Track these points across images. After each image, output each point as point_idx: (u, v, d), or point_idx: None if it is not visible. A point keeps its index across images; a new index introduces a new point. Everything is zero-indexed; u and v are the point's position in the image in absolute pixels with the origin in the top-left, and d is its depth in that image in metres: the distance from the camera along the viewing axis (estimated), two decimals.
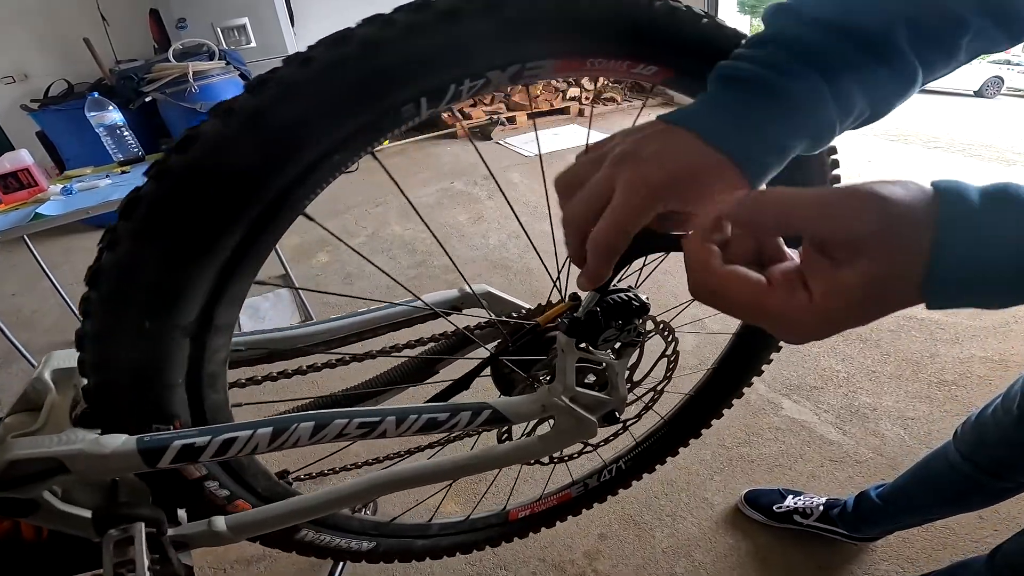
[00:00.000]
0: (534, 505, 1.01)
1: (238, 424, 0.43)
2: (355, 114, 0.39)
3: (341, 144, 0.40)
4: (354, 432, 0.45)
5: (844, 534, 1.26)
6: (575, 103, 5.10)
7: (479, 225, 3.03)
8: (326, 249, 2.94)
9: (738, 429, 1.60)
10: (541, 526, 1.03)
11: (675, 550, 1.32)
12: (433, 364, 0.62)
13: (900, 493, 1.13)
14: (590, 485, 1.01)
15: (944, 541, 1.30)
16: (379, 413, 0.46)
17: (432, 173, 3.91)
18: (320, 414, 0.45)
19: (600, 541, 1.34)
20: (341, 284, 2.58)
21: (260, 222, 0.40)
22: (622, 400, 0.55)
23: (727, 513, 1.39)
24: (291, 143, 0.38)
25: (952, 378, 1.73)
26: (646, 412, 0.77)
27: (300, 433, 0.43)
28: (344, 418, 0.45)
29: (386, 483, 0.55)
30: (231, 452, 0.42)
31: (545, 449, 0.56)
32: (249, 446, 0.42)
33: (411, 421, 0.47)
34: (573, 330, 0.51)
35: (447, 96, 0.42)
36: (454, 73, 0.41)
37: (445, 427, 0.49)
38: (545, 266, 0.68)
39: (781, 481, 1.45)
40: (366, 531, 0.83)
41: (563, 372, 0.53)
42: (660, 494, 1.44)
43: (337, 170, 0.42)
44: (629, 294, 0.54)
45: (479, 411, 0.51)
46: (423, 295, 0.60)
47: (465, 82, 0.42)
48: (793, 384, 1.76)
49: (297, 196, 0.41)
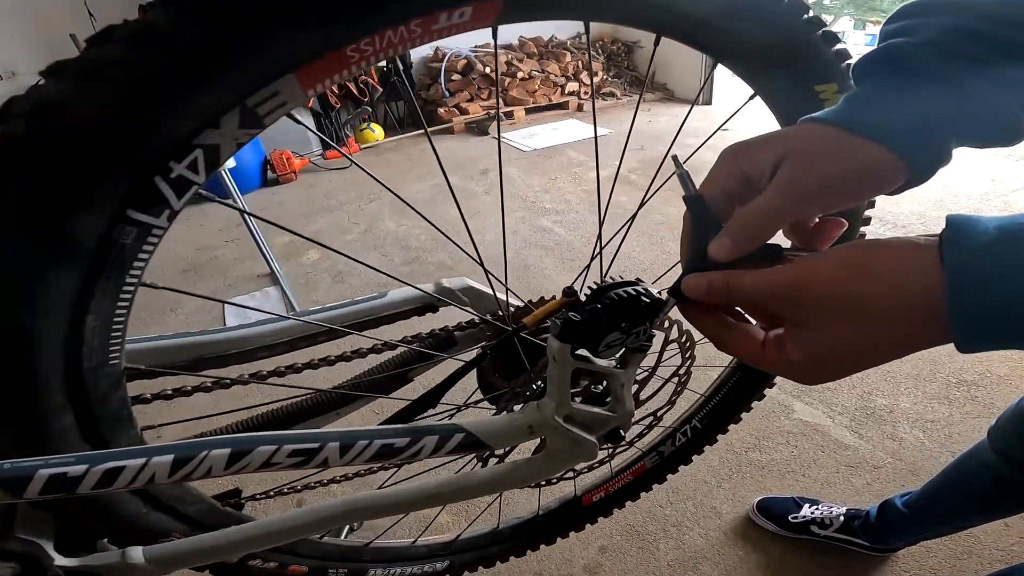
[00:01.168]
0: (607, 485, 0.95)
1: (127, 451, 0.34)
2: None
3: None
4: (285, 461, 0.36)
5: (866, 546, 1.18)
6: (574, 98, 5.00)
7: (475, 220, 2.95)
8: (317, 247, 2.85)
9: (747, 433, 1.51)
10: (614, 507, 0.99)
11: (681, 563, 1.24)
12: (403, 374, 0.53)
13: (929, 500, 1.06)
14: (665, 452, 0.93)
15: (969, 549, 1.22)
16: (318, 438, 0.37)
17: (428, 168, 3.82)
18: (239, 439, 0.36)
19: (601, 554, 1.26)
20: (332, 282, 2.50)
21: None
22: (628, 415, 0.46)
23: (736, 523, 1.31)
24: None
25: (972, 378, 1.65)
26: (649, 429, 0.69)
27: (212, 462, 0.35)
28: (271, 444, 0.36)
29: (338, 514, 0.46)
30: (119, 484, 0.33)
31: (535, 475, 0.47)
32: (143, 477, 0.34)
33: (360, 448, 0.38)
34: (568, 334, 0.41)
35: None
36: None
37: (405, 455, 0.40)
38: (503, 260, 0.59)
39: (794, 488, 1.36)
40: (435, 553, 0.84)
41: (556, 385, 0.43)
42: (665, 503, 1.36)
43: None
44: (638, 288, 0.44)
45: (449, 435, 0.41)
46: (390, 291, 0.51)
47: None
48: (804, 385, 1.67)
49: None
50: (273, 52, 0.32)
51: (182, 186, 0.35)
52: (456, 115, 4.66)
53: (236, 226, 3.08)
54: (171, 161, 0.34)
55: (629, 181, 3.34)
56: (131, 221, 0.35)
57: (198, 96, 0.32)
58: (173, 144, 0.33)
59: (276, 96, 0.34)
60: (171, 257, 2.86)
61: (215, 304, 2.41)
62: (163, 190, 0.34)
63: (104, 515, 0.47)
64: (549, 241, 2.68)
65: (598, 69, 5.24)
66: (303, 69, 0.33)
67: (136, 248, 0.36)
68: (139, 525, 0.50)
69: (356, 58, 0.35)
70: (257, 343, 0.48)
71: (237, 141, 0.35)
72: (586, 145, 4.09)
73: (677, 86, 5.17)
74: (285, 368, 0.50)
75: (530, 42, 5.11)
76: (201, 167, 0.35)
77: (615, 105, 5.11)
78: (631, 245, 2.55)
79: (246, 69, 0.32)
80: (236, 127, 0.34)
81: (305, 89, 0.34)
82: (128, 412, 0.43)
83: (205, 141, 0.34)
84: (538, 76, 4.86)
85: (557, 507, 0.98)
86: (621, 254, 2.45)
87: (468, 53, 4.81)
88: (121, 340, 0.40)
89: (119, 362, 0.41)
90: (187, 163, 0.34)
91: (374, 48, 0.35)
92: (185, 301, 2.44)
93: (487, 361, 0.50)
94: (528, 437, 0.45)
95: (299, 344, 0.50)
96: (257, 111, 0.34)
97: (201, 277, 2.64)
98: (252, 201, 3.54)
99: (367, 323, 0.52)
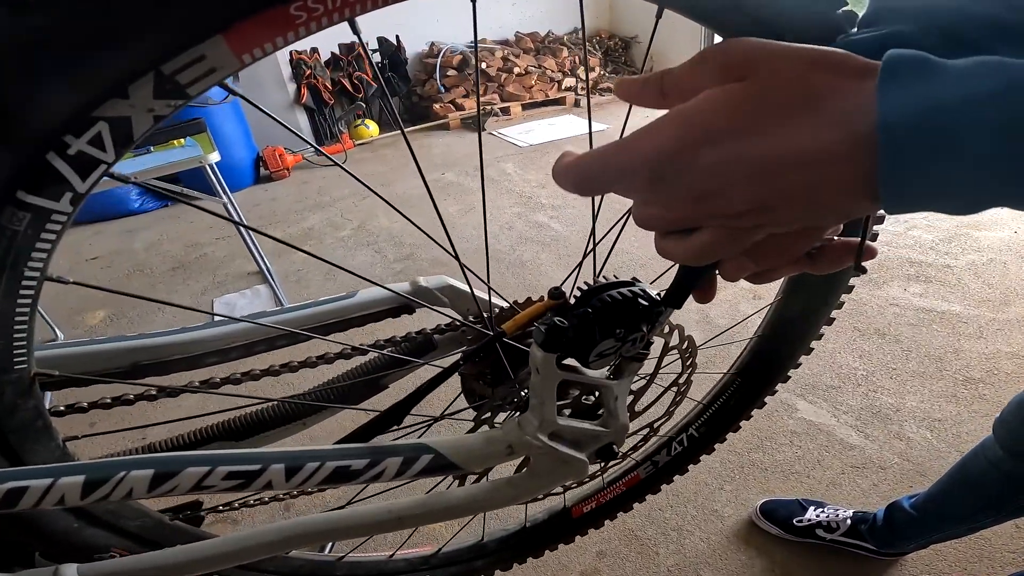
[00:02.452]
0: (599, 496, 0.91)
1: (29, 470, 0.30)
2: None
3: None
4: (220, 484, 0.31)
5: (874, 550, 1.14)
6: (571, 93, 4.95)
7: (470, 216, 2.90)
8: (309, 243, 2.80)
9: (750, 433, 1.47)
10: (605, 519, 0.94)
11: (681, 568, 1.19)
12: (375, 382, 0.48)
13: (937, 501, 1.02)
14: (660, 462, 0.89)
15: (980, 553, 1.18)
16: (260, 459, 0.32)
17: (423, 164, 3.76)
18: (164, 459, 0.31)
19: (599, 559, 1.22)
20: (323, 280, 2.45)
21: None
22: (623, 430, 0.41)
23: (739, 526, 1.27)
24: None
25: (979, 375, 1.60)
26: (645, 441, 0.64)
27: (132, 484, 0.30)
28: (202, 465, 0.31)
29: (291, 536, 0.41)
30: (24, 504, 0.29)
31: (516, 496, 0.42)
32: (50, 498, 0.29)
33: (309, 471, 0.33)
34: (553, 342, 0.35)
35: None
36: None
37: (364, 478, 0.35)
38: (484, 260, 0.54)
39: (798, 490, 1.32)
40: (414, 568, 0.79)
41: (540, 400, 0.37)
42: (665, 506, 1.31)
43: None
44: (635, 288, 0.39)
45: (415, 456, 0.36)
46: (359, 291, 0.46)
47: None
48: (808, 383, 1.62)
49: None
50: (192, 7, 0.27)
51: (85, 165, 0.30)
52: (452, 111, 4.61)
53: (226, 223, 3.02)
54: (67, 135, 0.28)
55: None
56: (22, 204, 0.30)
57: (88, 62, 0.27)
58: (67, 116, 0.28)
59: (202, 61, 0.28)
60: (159, 255, 2.81)
61: (204, 302, 2.36)
62: (60, 169, 0.29)
63: (32, 530, 0.42)
64: (545, 237, 2.63)
65: (595, 64, 5.18)
66: (235, 29, 0.28)
67: (32, 237, 0.31)
68: (74, 540, 0.45)
69: (304, 18, 0.29)
70: (206, 347, 0.43)
71: (154, 113, 0.29)
72: (583, 141, 4.04)
73: None
74: (241, 375, 0.45)
75: (527, 37, 5.05)
76: (108, 143, 0.29)
77: (612, 101, 5.06)
78: (627, 240, 2.50)
79: (155, 28, 0.27)
80: (150, 97, 0.29)
81: (239, 53, 0.29)
82: (44, 423, 0.38)
83: (109, 113, 0.28)
84: (535, 71, 4.81)
85: (546, 519, 0.94)
86: (616, 249, 2.41)
87: (464, 49, 4.75)
88: (27, 343, 0.35)
89: (27, 367, 0.35)
90: (88, 138, 0.29)
91: (326, 8, 0.29)
92: (174, 298, 2.39)
93: (467, 368, 0.45)
94: (508, 458, 0.40)
95: (256, 348, 0.45)
96: (177, 79, 0.28)
97: (190, 275, 2.58)
98: (244, 198, 3.48)
99: (333, 325, 0.47)
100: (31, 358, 0.35)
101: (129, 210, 3.33)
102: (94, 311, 2.32)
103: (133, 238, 3.05)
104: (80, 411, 0.40)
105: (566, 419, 0.39)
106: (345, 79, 4.37)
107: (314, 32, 0.31)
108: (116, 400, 0.41)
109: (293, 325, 0.45)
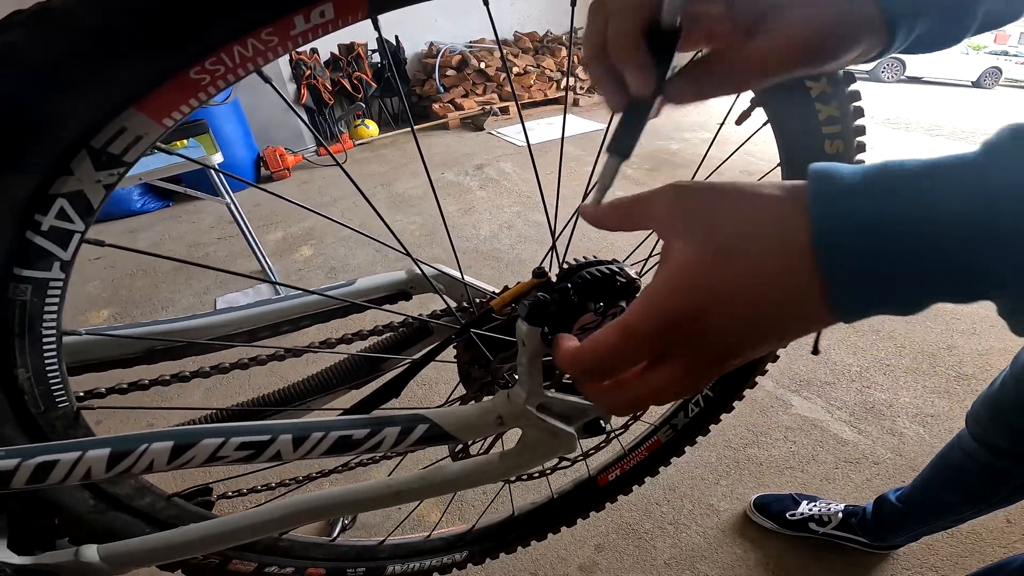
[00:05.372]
0: (622, 463, 0.93)
1: (60, 444, 0.32)
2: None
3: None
4: (233, 455, 0.34)
5: (865, 543, 1.16)
6: (569, 93, 4.98)
7: (470, 216, 2.92)
8: (309, 243, 2.82)
9: (745, 429, 1.49)
10: (632, 485, 0.96)
11: (678, 561, 1.21)
12: (374, 364, 0.50)
13: (920, 493, 1.04)
14: (678, 424, 0.90)
15: (971, 547, 1.20)
16: (268, 430, 0.34)
17: (422, 164, 3.79)
18: (182, 431, 0.34)
19: (596, 553, 1.23)
20: (324, 279, 2.47)
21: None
22: None
23: (734, 521, 1.28)
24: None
25: (972, 371, 1.62)
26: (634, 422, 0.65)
27: (153, 456, 0.32)
28: (217, 436, 0.33)
29: (301, 511, 0.43)
30: (54, 479, 0.31)
31: (509, 470, 0.44)
32: (78, 471, 0.32)
33: (315, 440, 0.35)
34: (536, 316, 0.38)
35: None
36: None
37: (364, 447, 0.37)
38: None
39: (793, 485, 1.34)
40: (451, 545, 0.84)
41: (527, 372, 0.39)
42: (661, 500, 1.33)
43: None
44: (612, 267, 0.41)
45: (412, 426, 0.38)
46: (359, 279, 0.48)
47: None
48: (803, 379, 1.64)
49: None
50: (92, 93, 0.29)
51: (62, 236, 0.34)
52: (451, 110, 4.63)
53: (228, 223, 3.04)
54: (36, 215, 0.32)
55: (625, 175, 3.30)
56: (20, 278, 0.34)
57: (23, 150, 0.30)
58: (28, 198, 0.32)
59: (124, 133, 0.31)
60: (162, 254, 2.82)
61: (207, 300, 2.38)
62: (42, 244, 0.33)
63: (54, 512, 0.45)
64: (544, 235, 2.65)
65: None
66: (144, 102, 0.31)
67: (39, 303, 0.36)
68: (95, 523, 0.48)
69: (207, 80, 0.32)
70: (213, 333, 0.45)
71: (103, 183, 0.33)
72: (581, 140, 4.07)
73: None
74: (249, 360, 0.47)
75: (525, 37, 5.07)
76: (73, 215, 0.33)
77: None
78: (623, 236, 2.52)
79: (68, 114, 0.30)
80: (93, 170, 0.32)
81: (158, 120, 0.32)
82: (71, 402, 0.41)
83: (64, 190, 0.32)
84: (533, 71, 4.83)
85: (572, 488, 0.96)
86: (601, 235, 2.42)
87: (463, 49, 4.78)
88: (64, 384, 0.39)
89: (68, 404, 0.40)
90: (55, 214, 0.33)
91: (227, 66, 0.32)
92: (176, 299, 2.41)
93: (460, 351, 0.47)
94: (499, 429, 0.42)
95: (260, 335, 0.47)
96: (109, 150, 0.32)
97: (192, 274, 2.60)
98: (245, 198, 3.50)
99: (336, 311, 0.49)
100: (70, 395, 0.40)
101: (131, 210, 3.35)
102: (98, 311, 2.34)
103: (135, 238, 3.07)
104: (98, 396, 0.43)
105: (554, 393, 0.41)
106: (344, 79, 4.39)
107: (224, 88, 0.33)
108: (132, 385, 0.44)
109: (297, 312, 0.48)
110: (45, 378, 0.39)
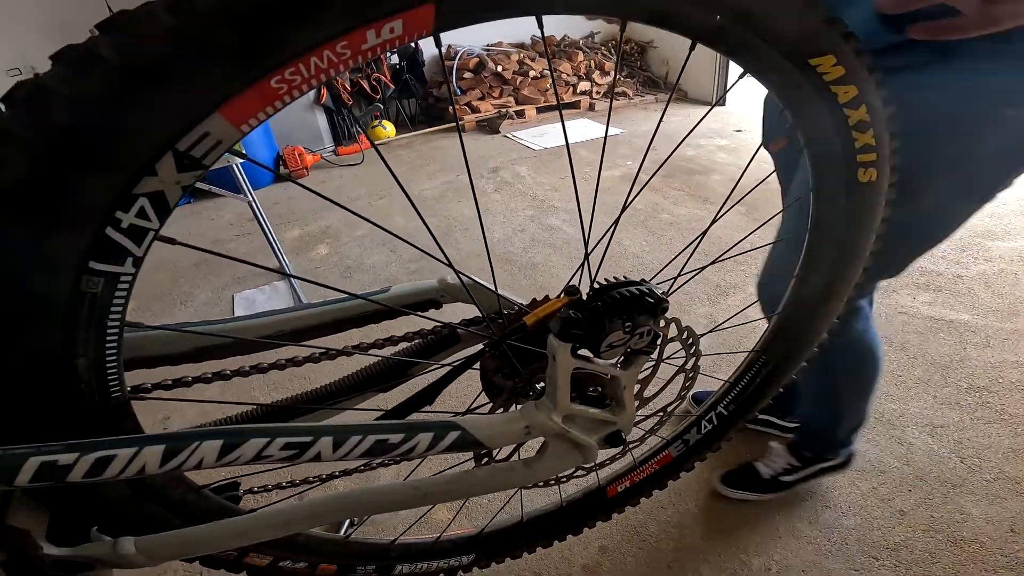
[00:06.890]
0: (632, 475, 0.95)
1: (117, 440, 0.35)
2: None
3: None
4: (277, 454, 0.37)
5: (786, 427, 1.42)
6: (585, 97, 4.99)
7: (484, 218, 2.95)
8: (326, 241, 2.87)
9: (753, 435, 1.50)
10: (640, 497, 1.00)
11: (681, 564, 1.23)
12: (403, 368, 0.53)
13: None
14: (691, 440, 0.93)
15: (973, 555, 1.21)
16: (311, 431, 0.37)
17: (438, 166, 3.83)
18: (231, 430, 0.36)
19: (601, 554, 1.26)
20: (340, 277, 2.51)
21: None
22: (630, 419, 0.46)
23: (739, 524, 1.30)
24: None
25: (984, 383, 1.62)
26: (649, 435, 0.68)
27: (203, 453, 0.35)
28: (263, 436, 0.36)
29: (331, 509, 0.46)
30: (110, 473, 0.34)
31: (531, 476, 0.47)
32: (134, 466, 0.35)
33: (353, 443, 0.38)
34: (568, 332, 0.40)
35: None
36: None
37: (399, 452, 0.40)
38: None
39: (799, 493, 1.35)
40: (460, 548, 0.86)
41: (555, 385, 0.42)
42: (666, 504, 1.35)
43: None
44: (642, 287, 0.44)
45: (443, 432, 0.41)
46: (393, 286, 0.51)
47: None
48: None
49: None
50: (183, 96, 0.32)
51: (138, 234, 0.37)
52: (467, 113, 4.66)
53: (247, 220, 3.11)
54: (118, 212, 0.35)
55: (641, 182, 3.32)
56: (95, 272, 0.36)
57: (116, 150, 0.33)
58: (114, 197, 0.34)
59: (207, 137, 0.34)
60: (182, 250, 2.89)
61: (224, 297, 2.44)
62: (119, 240, 0.36)
63: (95, 503, 0.47)
64: (558, 239, 2.68)
65: (611, 69, 5.21)
66: (227, 107, 0.34)
67: (108, 296, 0.38)
68: (133, 515, 0.50)
69: (284, 89, 0.35)
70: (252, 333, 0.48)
71: (181, 184, 0.36)
72: (597, 145, 4.08)
73: (691, 86, 5.14)
74: (286, 361, 0.50)
75: (542, 41, 5.09)
76: (151, 213, 0.36)
77: (627, 105, 5.09)
78: (639, 245, 2.54)
79: (159, 117, 0.32)
80: (175, 172, 0.35)
81: (238, 125, 0.35)
82: (139, 430, 0.44)
83: (146, 190, 0.35)
84: (549, 75, 4.85)
85: (581, 497, 0.98)
86: (629, 254, 2.44)
87: (480, 52, 4.81)
88: (119, 375, 0.41)
89: (121, 394, 0.42)
90: (135, 212, 0.35)
91: (303, 76, 0.35)
92: (195, 294, 2.47)
93: (487, 361, 0.50)
94: (525, 438, 0.45)
95: (304, 336, 0.50)
96: (192, 153, 0.34)
97: (211, 270, 2.67)
98: (264, 196, 3.57)
99: (371, 316, 0.53)
100: (124, 387, 0.42)
101: None
102: None
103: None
104: (143, 391, 0.46)
105: (579, 405, 0.44)
106: (363, 80, 4.45)
107: (297, 98, 0.36)
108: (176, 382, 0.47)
109: (338, 315, 0.51)
110: (104, 369, 0.41)
